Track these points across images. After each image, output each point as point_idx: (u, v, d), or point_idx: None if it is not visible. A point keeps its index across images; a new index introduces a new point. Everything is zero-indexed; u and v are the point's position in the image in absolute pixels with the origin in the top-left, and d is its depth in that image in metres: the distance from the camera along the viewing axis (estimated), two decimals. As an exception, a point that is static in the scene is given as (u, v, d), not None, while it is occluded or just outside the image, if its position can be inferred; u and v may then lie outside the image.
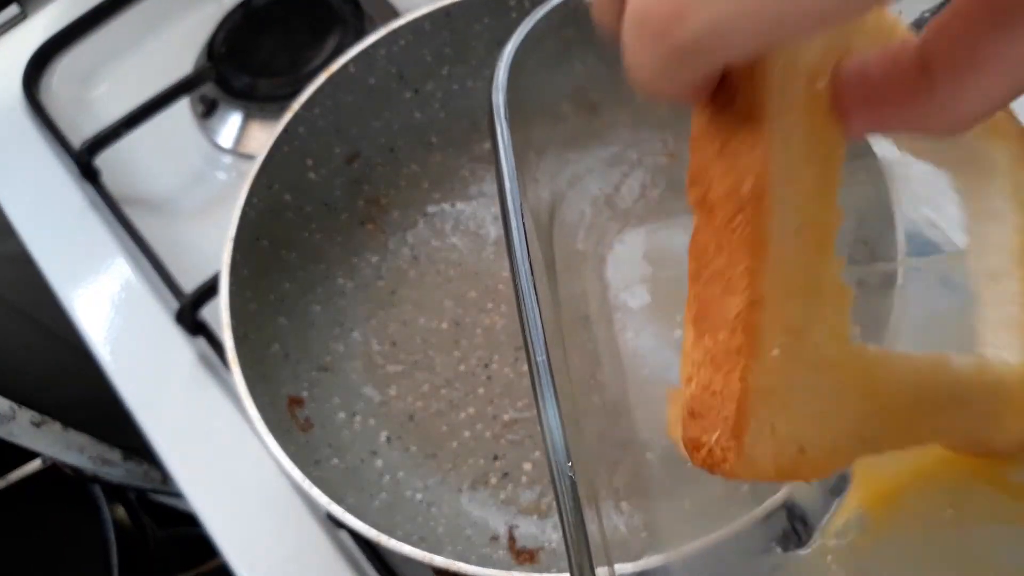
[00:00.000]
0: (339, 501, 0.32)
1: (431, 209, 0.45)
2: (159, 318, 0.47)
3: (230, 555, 0.40)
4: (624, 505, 0.37)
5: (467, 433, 0.39)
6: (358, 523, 0.31)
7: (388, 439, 0.39)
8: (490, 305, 0.42)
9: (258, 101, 0.53)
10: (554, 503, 0.37)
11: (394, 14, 0.57)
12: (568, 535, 0.17)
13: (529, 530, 0.37)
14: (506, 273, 0.43)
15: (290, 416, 0.37)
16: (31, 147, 0.55)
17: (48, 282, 0.50)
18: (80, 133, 0.52)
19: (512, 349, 0.41)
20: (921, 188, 0.28)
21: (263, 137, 0.53)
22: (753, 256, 0.15)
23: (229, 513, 0.41)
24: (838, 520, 0.22)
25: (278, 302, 0.40)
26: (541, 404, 0.17)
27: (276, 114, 0.52)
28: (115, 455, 0.67)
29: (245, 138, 0.54)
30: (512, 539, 0.36)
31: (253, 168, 0.39)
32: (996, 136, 0.20)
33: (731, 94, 0.15)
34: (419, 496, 0.37)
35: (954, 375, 0.18)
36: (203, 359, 0.46)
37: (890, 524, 0.22)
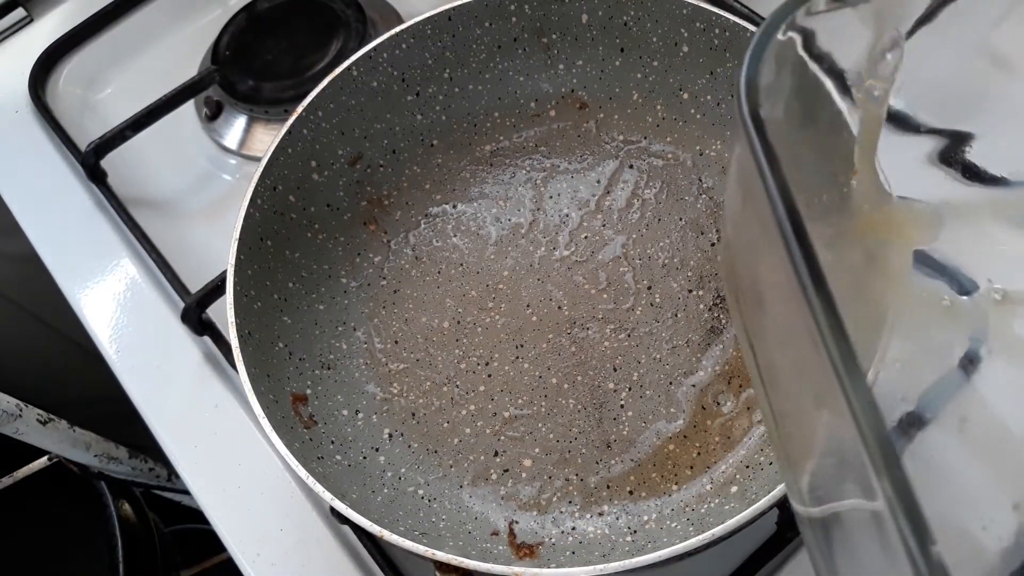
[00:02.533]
0: (342, 497, 0.32)
1: (433, 210, 0.46)
2: (165, 317, 0.48)
3: (235, 550, 0.41)
4: (607, 507, 0.37)
5: (468, 430, 0.40)
6: (361, 518, 0.32)
7: (390, 436, 0.40)
8: (490, 304, 0.43)
9: (262, 104, 0.54)
10: (553, 499, 0.37)
11: (397, 18, 0.57)
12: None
13: (529, 525, 0.37)
14: (506, 272, 0.44)
15: (294, 413, 0.37)
16: (38, 149, 0.56)
17: (55, 282, 0.51)
18: (86, 135, 0.53)
19: (512, 347, 0.41)
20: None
21: (268, 139, 0.53)
22: None
23: (234, 509, 0.42)
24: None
25: (282, 301, 0.40)
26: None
27: (280, 116, 0.53)
28: (121, 452, 0.68)
29: (250, 140, 0.54)
30: (512, 534, 0.37)
31: (258, 170, 0.40)
32: None
33: None
34: (421, 492, 0.38)
35: None
36: (208, 357, 0.46)
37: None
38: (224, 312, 0.37)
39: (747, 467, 0.36)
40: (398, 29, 0.42)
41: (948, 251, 0.27)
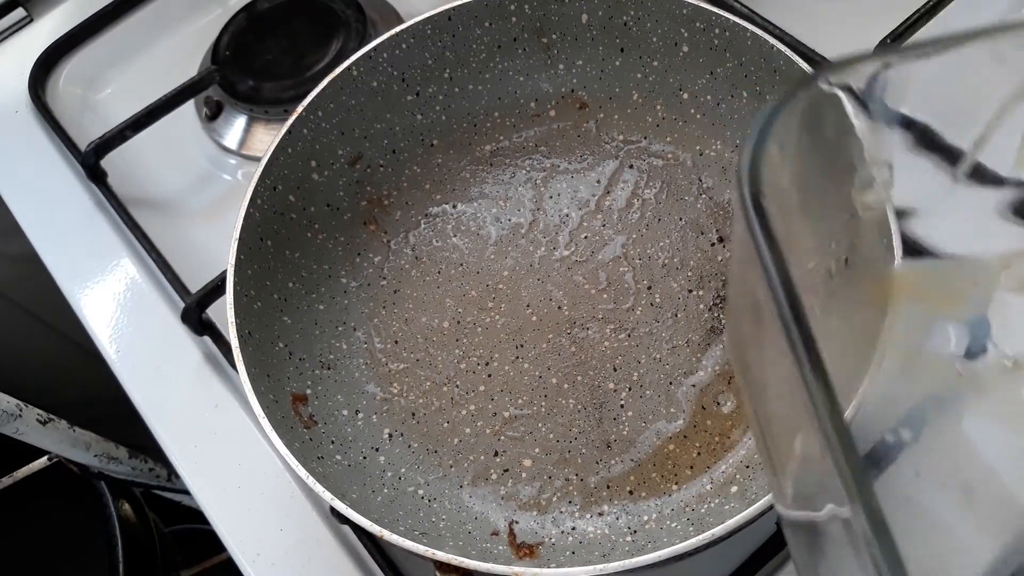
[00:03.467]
0: (342, 497, 0.32)
1: (433, 210, 0.46)
2: (165, 317, 0.48)
3: (235, 550, 0.41)
4: (607, 507, 0.37)
5: (468, 430, 0.40)
6: (361, 518, 0.32)
7: (390, 436, 0.40)
8: (490, 304, 0.43)
9: (263, 104, 0.54)
10: (553, 499, 0.37)
11: (397, 18, 0.57)
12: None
13: (529, 525, 0.37)
14: (506, 272, 0.44)
15: (294, 413, 0.37)
16: (38, 149, 0.56)
17: (56, 282, 0.51)
18: (86, 135, 0.53)
19: (512, 347, 0.41)
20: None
21: (268, 139, 0.53)
22: None
23: (234, 509, 0.42)
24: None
25: (282, 301, 0.40)
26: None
27: (280, 116, 0.53)
28: (121, 452, 0.68)
29: (250, 140, 0.54)
30: (512, 534, 0.37)
31: (258, 170, 0.40)
32: None
33: None
34: (421, 492, 0.38)
35: None
36: (208, 357, 0.46)
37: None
38: (224, 312, 0.37)
39: (747, 467, 0.36)
40: (398, 29, 0.42)
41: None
